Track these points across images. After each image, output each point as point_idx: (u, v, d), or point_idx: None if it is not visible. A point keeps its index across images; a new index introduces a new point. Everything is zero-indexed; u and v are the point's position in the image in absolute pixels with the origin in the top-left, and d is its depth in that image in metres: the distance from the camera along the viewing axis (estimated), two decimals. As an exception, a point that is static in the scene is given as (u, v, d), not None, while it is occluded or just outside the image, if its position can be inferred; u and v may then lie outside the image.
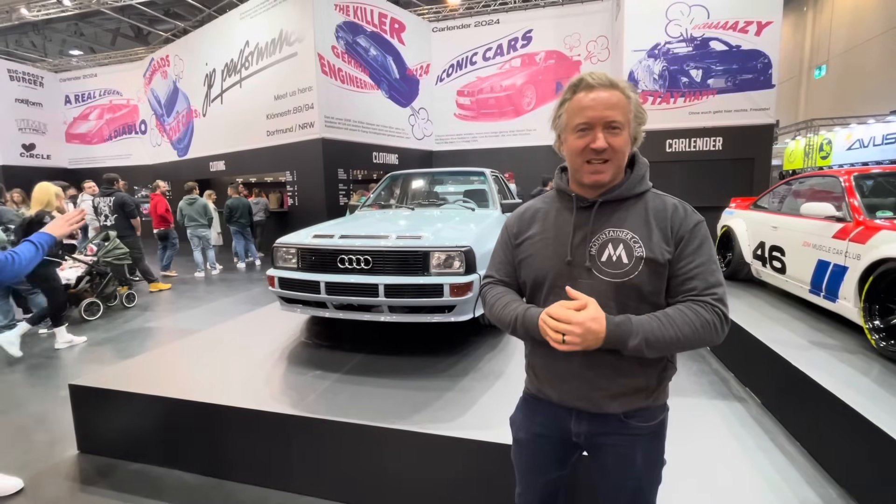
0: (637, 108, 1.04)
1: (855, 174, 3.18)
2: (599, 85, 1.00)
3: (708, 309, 0.98)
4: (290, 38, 8.69)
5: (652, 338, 0.96)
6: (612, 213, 1.07)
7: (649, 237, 1.03)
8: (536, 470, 1.23)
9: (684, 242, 1.02)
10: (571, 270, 1.07)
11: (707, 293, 0.99)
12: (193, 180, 8.74)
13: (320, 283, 2.66)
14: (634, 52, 8.67)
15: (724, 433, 2.53)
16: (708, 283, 1.00)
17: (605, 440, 1.11)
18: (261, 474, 2.20)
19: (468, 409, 2.11)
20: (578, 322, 0.94)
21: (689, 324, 0.97)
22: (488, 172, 4.33)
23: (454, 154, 11.37)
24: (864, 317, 2.61)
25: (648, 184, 1.10)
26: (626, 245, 1.03)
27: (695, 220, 1.05)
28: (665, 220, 1.04)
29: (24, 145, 13.07)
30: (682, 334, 0.96)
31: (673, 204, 1.07)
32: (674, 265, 1.03)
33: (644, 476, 1.13)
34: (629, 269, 1.02)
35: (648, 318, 0.98)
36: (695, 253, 1.02)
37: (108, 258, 5.44)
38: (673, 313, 0.99)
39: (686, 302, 1.01)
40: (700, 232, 1.04)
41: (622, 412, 1.08)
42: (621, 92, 1.01)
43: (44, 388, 3.41)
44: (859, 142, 12.11)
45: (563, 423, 1.14)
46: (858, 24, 13.94)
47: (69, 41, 14.55)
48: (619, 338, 0.95)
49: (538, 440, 1.20)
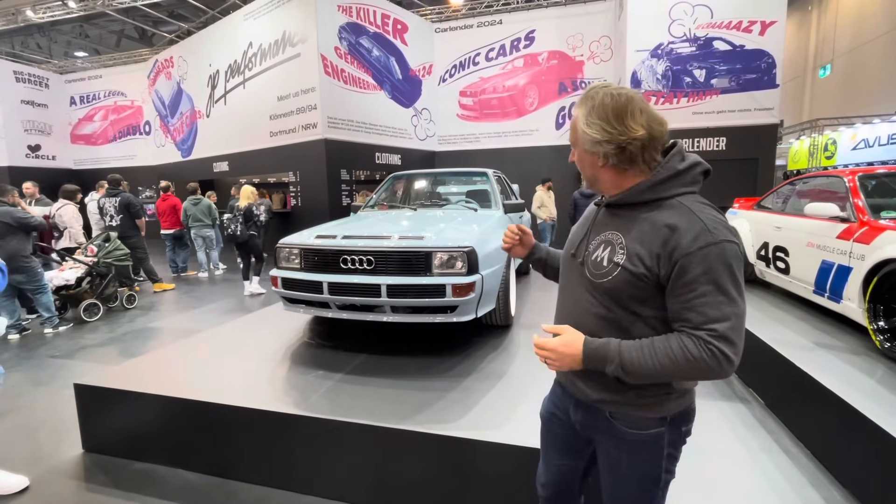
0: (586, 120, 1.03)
1: (859, 174, 3.17)
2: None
3: (699, 344, 0.91)
4: (294, 39, 8.71)
5: (630, 367, 0.97)
6: (618, 216, 1.08)
7: (634, 246, 1.00)
8: (551, 449, 1.30)
9: (681, 267, 0.93)
10: (573, 263, 1.16)
11: (704, 328, 0.92)
12: (197, 181, 8.78)
13: (323, 284, 2.67)
14: (637, 52, 8.65)
15: (727, 434, 2.52)
16: (707, 318, 0.91)
17: (597, 437, 1.15)
18: (264, 473, 2.20)
19: (470, 410, 2.11)
20: (551, 347, 1.04)
21: (671, 357, 0.93)
22: (491, 173, 4.33)
23: (457, 154, 11.37)
24: (869, 318, 2.60)
25: (676, 190, 1.01)
26: (613, 249, 1.04)
27: (702, 243, 0.92)
28: (658, 237, 0.96)
29: (30, 146, 13.15)
30: (661, 365, 0.94)
31: (676, 223, 0.96)
32: (668, 289, 0.97)
33: (627, 485, 1.12)
34: (605, 272, 1.04)
35: (632, 345, 0.99)
36: (694, 281, 0.92)
37: (109, 259, 5.44)
38: (658, 343, 0.97)
39: (681, 333, 0.96)
40: (707, 258, 0.92)
41: (606, 409, 1.10)
42: (577, 111, 1.07)
43: (49, 388, 3.43)
44: (864, 142, 12.02)
45: (566, 406, 1.22)
46: (863, 23, 13.85)
47: (74, 43, 14.64)
48: (597, 362, 1.01)
49: (553, 419, 1.28)
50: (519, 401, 2.18)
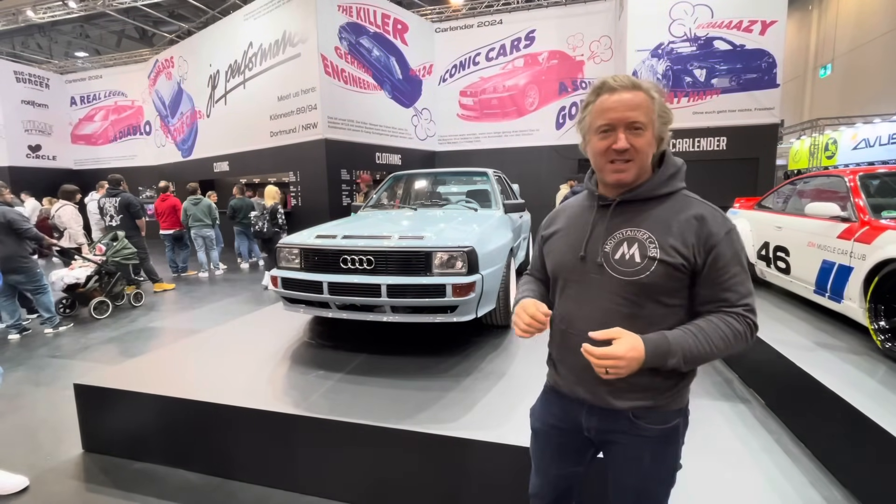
0: (661, 109, 1.04)
1: (860, 174, 3.16)
2: (621, 87, 1.02)
3: (741, 321, 1.00)
4: (294, 39, 8.71)
5: (689, 355, 0.98)
6: (633, 212, 1.08)
7: (666, 239, 1.02)
8: (550, 461, 1.25)
9: (716, 253, 1.01)
10: (584, 266, 1.10)
11: (740, 304, 1.01)
12: (197, 181, 8.79)
13: (323, 284, 2.67)
14: (638, 52, 8.65)
15: (727, 434, 2.51)
16: (740, 294, 1.01)
17: (615, 438, 1.12)
18: (264, 474, 2.20)
19: (470, 409, 2.11)
20: (620, 355, 0.95)
21: (724, 338, 0.99)
22: (491, 173, 4.33)
23: (457, 154, 11.36)
24: (870, 318, 2.59)
25: (678, 185, 1.09)
26: (641, 245, 1.03)
27: (726, 228, 1.02)
28: (690, 228, 1.02)
29: (30, 146, 13.16)
30: (717, 349, 0.99)
31: (702, 213, 1.03)
32: (704, 275, 1.02)
33: (653, 479, 1.12)
34: (641, 269, 1.02)
35: (684, 335, 0.99)
36: (728, 264, 1.01)
37: (117, 258, 5.51)
38: (707, 328, 0.99)
39: (718, 314, 1.01)
40: (732, 241, 1.02)
41: (630, 411, 1.07)
42: (644, 93, 1.02)
43: (49, 388, 3.43)
44: (865, 141, 12.01)
45: (575, 416, 1.16)
46: (863, 23, 13.85)
47: (75, 43, 14.65)
48: (659, 358, 0.98)
49: (553, 432, 1.22)
50: (519, 401, 2.17)
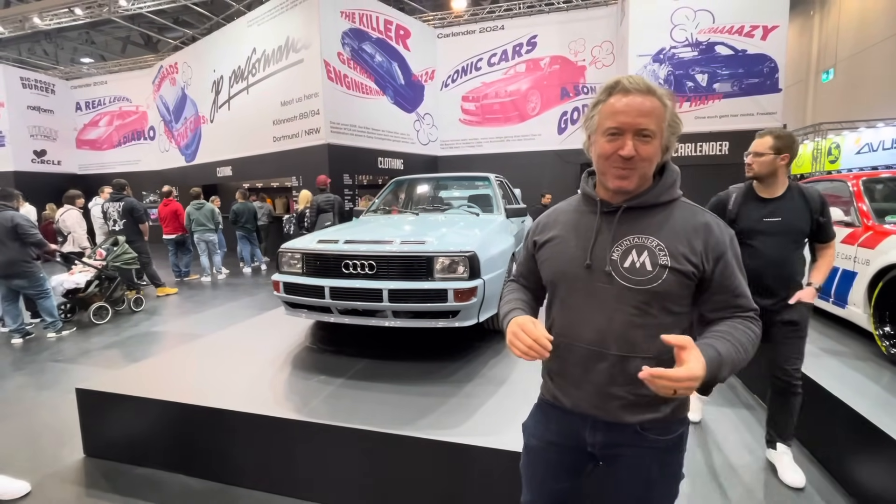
0: (672, 118, 1.00)
1: (863, 178, 3.15)
2: (635, 90, 0.97)
3: (756, 324, 1.03)
4: (297, 44, 8.78)
5: (733, 365, 0.95)
6: (637, 219, 1.05)
7: (675, 247, 1.00)
8: (547, 478, 1.19)
9: (725, 260, 1.01)
10: (590, 275, 1.05)
11: (752, 308, 1.03)
12: (201, 186, 8.84)
13: (325, 288, 2.67)
14: (640, 57, 8.67)
15: (731, 440, 2.50)
16: (749, 299, 1.03)
17: (621, 451, 1.08)
18: (265, 479, 2.20)
19: (472, 415, 2.10)
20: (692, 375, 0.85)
21: (752, 342, 0.99)
22: (493, 177, 4.33)
23: (459, 159, 11.40)
24: (874, 323, 2.58)
25: (678, 193, 1.07)
26: (651, 253, 1.01)
27: (729, 235, 1.04)
28: (697, 236, 1.01)
29: (36, 151, 13.28)
30: (748, 354, 0.98)
31: (707, 220, 1.03)
32: (715, 282, 1.02)
33: (659, 490, 1.10)
34: (652, 277, 0.99)
35: (726, 345, 0.95)
36: (736, 270, 1.02)
37: (117, 263, 5.51)
38: (736, 334, 0.98)
39: (734, 319, 1.02)
40: (735, 248, 1.04)
41: (638, 423, 1.05)
42: (658, 99, 0.97)
43: (51, 392, 3.43)
44: (868, 146, 11.97)
45: (577, 431, 1.11)
46: (866, 27, 13.84)
47: (80, 49, 14.79)
48: (712, 371, 0.90)
49: (551, 448, 1.17)
50: (520, 407, 2.15)
